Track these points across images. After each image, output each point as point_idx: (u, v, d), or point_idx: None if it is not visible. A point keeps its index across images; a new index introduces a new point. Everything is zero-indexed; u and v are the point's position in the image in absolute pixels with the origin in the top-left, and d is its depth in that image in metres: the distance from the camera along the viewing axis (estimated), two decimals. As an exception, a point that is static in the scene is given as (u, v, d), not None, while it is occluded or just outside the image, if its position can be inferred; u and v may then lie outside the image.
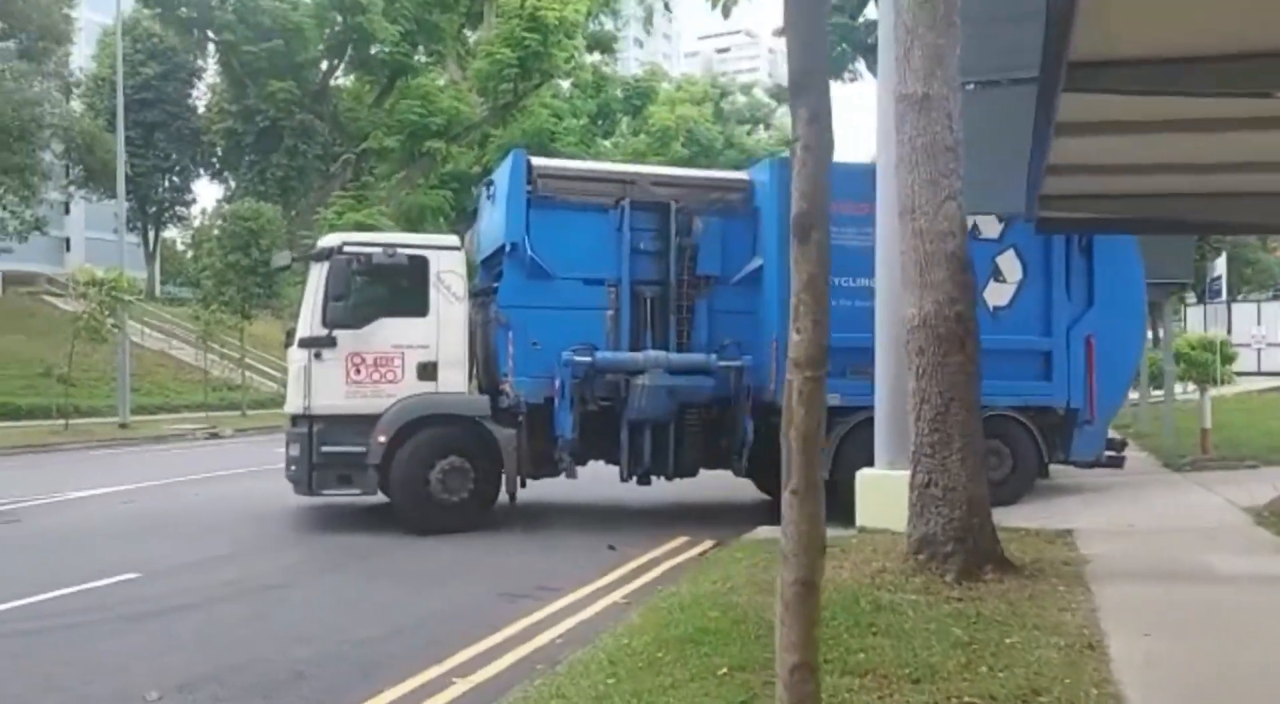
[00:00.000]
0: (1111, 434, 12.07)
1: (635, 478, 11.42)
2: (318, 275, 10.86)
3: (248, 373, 32.69)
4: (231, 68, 34.69)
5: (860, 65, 23.03)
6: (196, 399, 30.29)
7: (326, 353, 10.65)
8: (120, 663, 6.09)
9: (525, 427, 10.88)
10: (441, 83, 36.58)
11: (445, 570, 9.08)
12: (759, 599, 6.63)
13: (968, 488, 7.09)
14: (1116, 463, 11.93)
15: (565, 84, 41.33)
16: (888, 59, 8.58)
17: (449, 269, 11.09)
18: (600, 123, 42.49)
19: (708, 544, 10.29)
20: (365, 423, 10.52)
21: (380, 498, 11.20)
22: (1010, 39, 7.50)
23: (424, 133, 32.60)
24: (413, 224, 38.86)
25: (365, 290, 11.18)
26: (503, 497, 11.04)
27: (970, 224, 11.18)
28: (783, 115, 62.42)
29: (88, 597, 7.78)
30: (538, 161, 11.76)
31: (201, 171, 47.84)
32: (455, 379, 11.00)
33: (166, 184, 48.01)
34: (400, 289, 11.16)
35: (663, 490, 12.33)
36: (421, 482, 10.59)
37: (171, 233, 53.37)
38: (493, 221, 11.84)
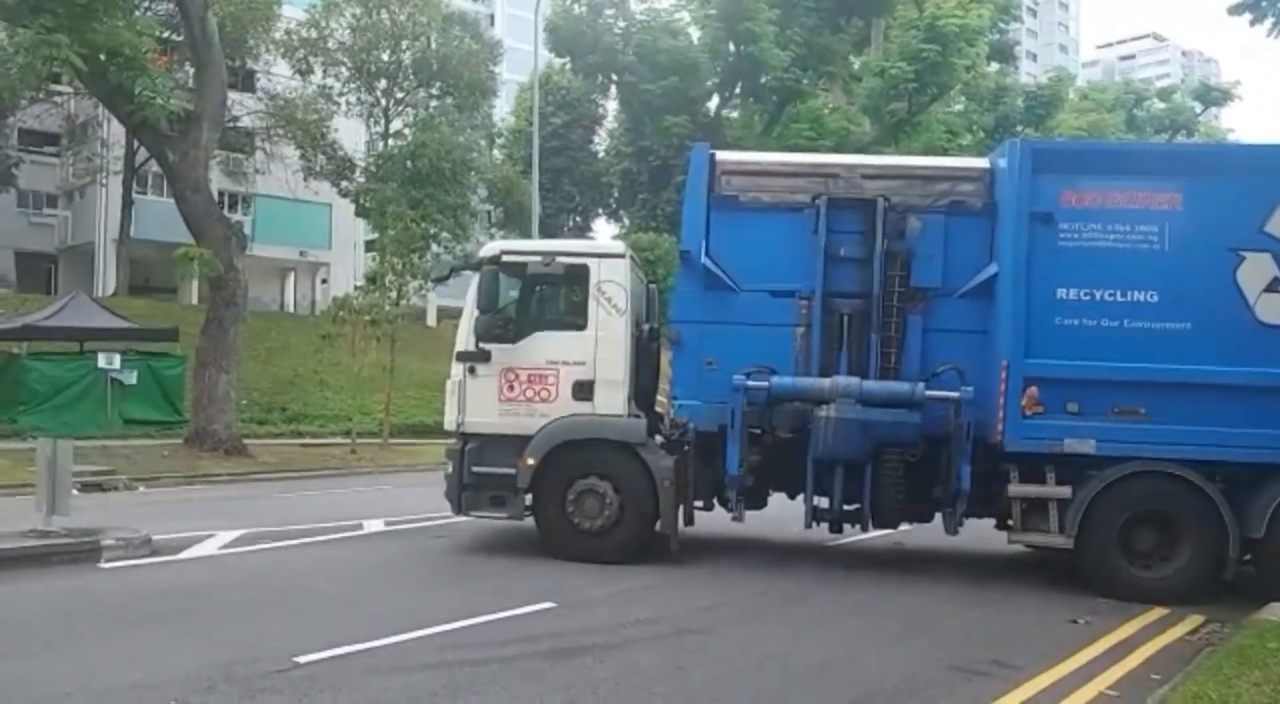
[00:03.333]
0: None
1: (826, 525, 9.88)
2: (473, 286, 10.16)
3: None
4: (631, 107, 36.34)
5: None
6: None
7: (481, 368, 10.01)
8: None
9: (694, 456, 9.71)
10: (828, 109, 35.91)
11: (878, 626, 7.92)
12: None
13: None
14: None
15: (958, 103, 39.03)
16: None
17: (610, 279, 10.04)
18: (999, 137, 39.48)
19: (1196, 621, 8.33)
20: (519, 443, 9.81)
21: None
22: None
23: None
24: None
25: (523, 302, 10.45)
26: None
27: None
28: (1209, 118, 55.07)
29: (505, 627, 7.46)
30: (723, 156, 10.35)
31: (600, 211, 51.01)
32: (613, 400, 9.94)
33: (571, 224, 51.76)
34: (558, 300, 10.46)
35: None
36: (558, 504, 9.79)
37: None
38: None
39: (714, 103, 37.94)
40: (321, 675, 6.02)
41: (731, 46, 34.12)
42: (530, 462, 9.78)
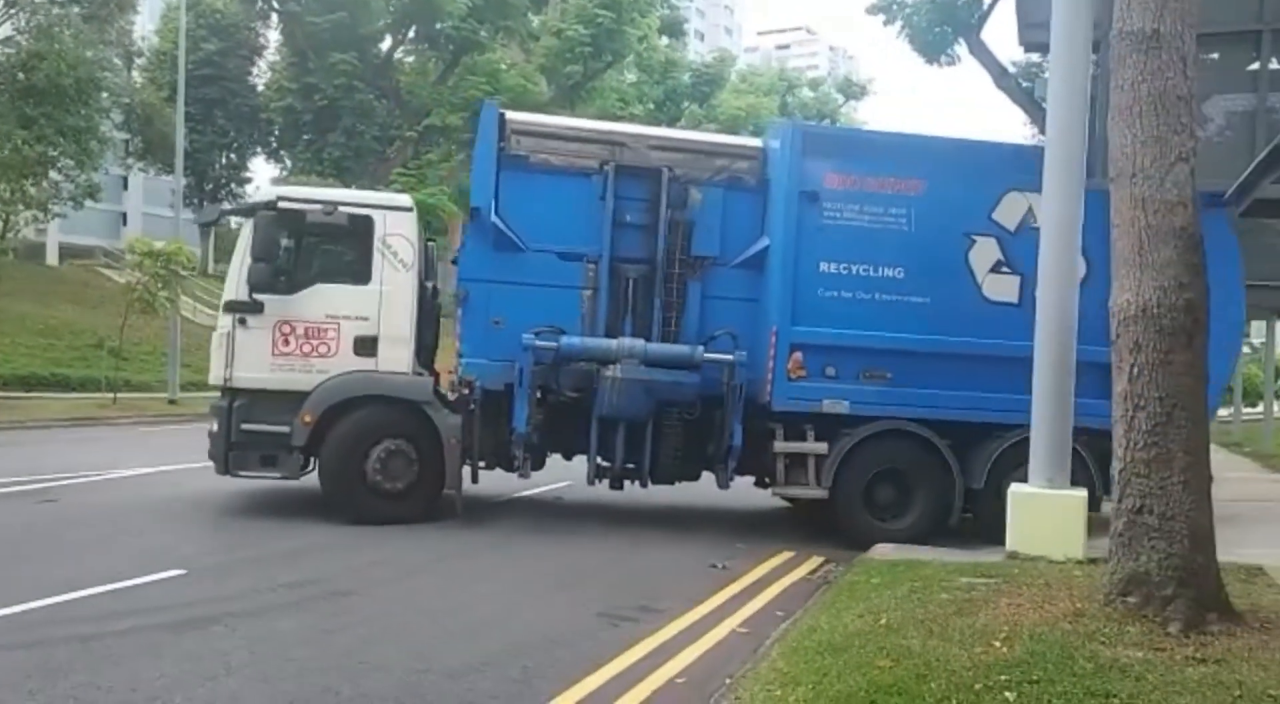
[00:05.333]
0: None
1: (607, 482, 10.24)
2: (246, 232, 9.79)
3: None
4: (294, 39, 33.97)
5: (960, 48, 21.47)
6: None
7: (252, 320, 9.63)
8: (153, 693, 4.94)
9: (479, 415, 9.69)
10: (505, 65, 35.61)
11: (534, 580, 7.93)
12: (938, 646, 5.35)
13: (1191, 517, 5.73)
14: None
15: (630, 73, 40.21)
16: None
17: (397, 232, 9.86)
18: (666, 109, 41.22)
19: (816, 562, 9.18)
20: (292, 399, 9.49)
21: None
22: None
23: (489, 112, 31.66)
24: (472, 207, 38.15)
25: (301, 252, 10.09)
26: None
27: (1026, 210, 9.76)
28: (849, 110, 60.92)
29: (126, 598, 6.68)
30: (513, 116, 10.43)
31: (258, 150, 47.48)
32: (398, 357, 9.80)
33: (224, 161, 47.75)
34: (340, 252, 10.12)
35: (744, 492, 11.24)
36: (356, 467, 9.56)
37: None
38: None
39: (387, 44, 36.37)
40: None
41: (406, -12, 32.87)
42: (308, 419, 9.40)
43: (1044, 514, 8.07)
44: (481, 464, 10.12)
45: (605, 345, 9.60)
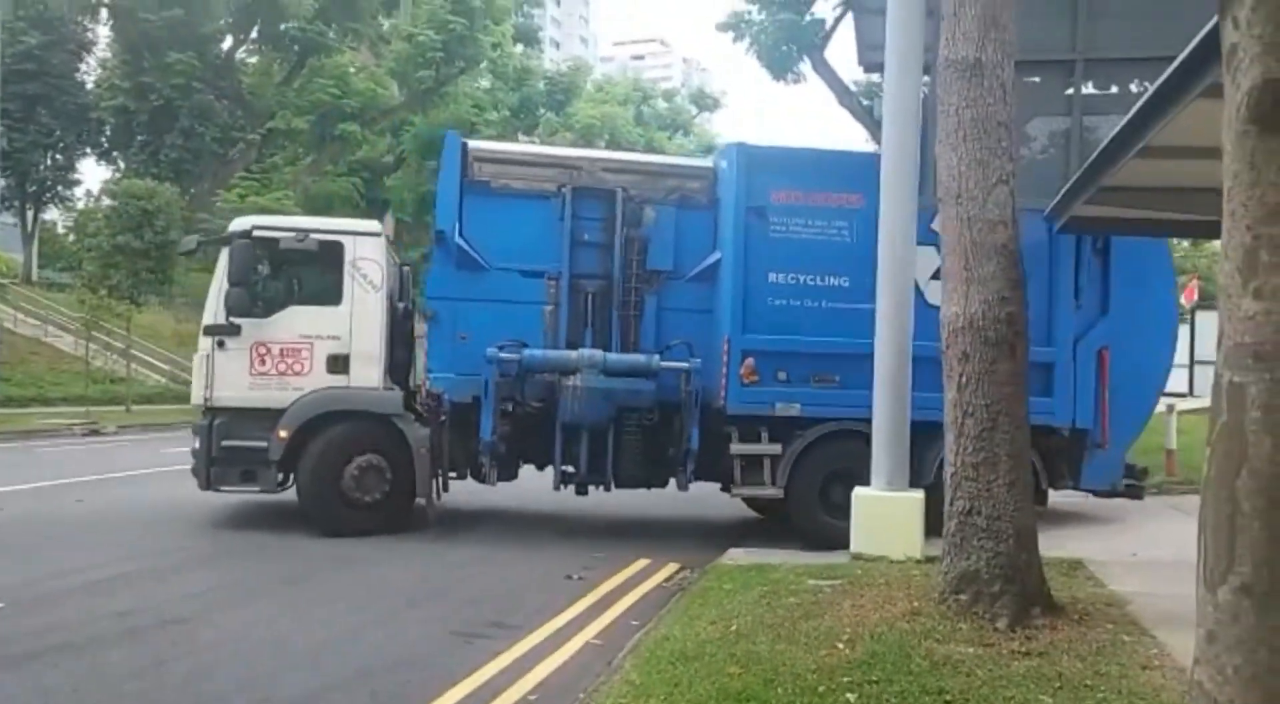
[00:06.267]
0: (1129, 461, 11.03)
1: (573, 488, 10.64)
2: (223, 260, 10.25)
3: (134, 365, 30.24)
4: (126, 36, 32.15)
5: (805, 66, 22.20)
6: (75, 391, 27.74)
7: (230, 342, 10.13)
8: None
9: (448, 427, 10.16)
10: (354, 68, 34.73)
11: (385, 599, 7.74)
12: (785, 650, 5.51)
13: (1015, 518, 6.10)
14: (1135, 493, 10.94)
15: (485, 79, 39.86)
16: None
17: (366, 256, 10.41)
18: (522, 117, 41.03)
19: (672, 569, 9.29)
20: (269, 417, 9.96)
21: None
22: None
23: (337, 115, 30.86)
24: (319, 212, 36.90)
25: (275, 277, 10.73)
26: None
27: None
28: (703, 122, 62.12)
29: (-68, 637, 6.19)
30: (475, 144, 11.04)
31: (88, 151, 44.57)
32: (369, 374, 10.28)
33: (49, 162, 44.62)
34: (312, 276, 10.67)
35: (600, 501, 11.40)
36: (333, 481, 9.98)
37: (53, 215, 49.70)
38: None
39: (228, 43, 34.90)
40: None
41: (249, -14, 31.65)
42: (284, 434, 9.88)
43: (884, 516, 8.43)
44: (453, 474, 10.56)
45: (566, 356, 10.06)
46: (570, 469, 10.41)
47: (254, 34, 34.04)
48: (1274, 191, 1.65)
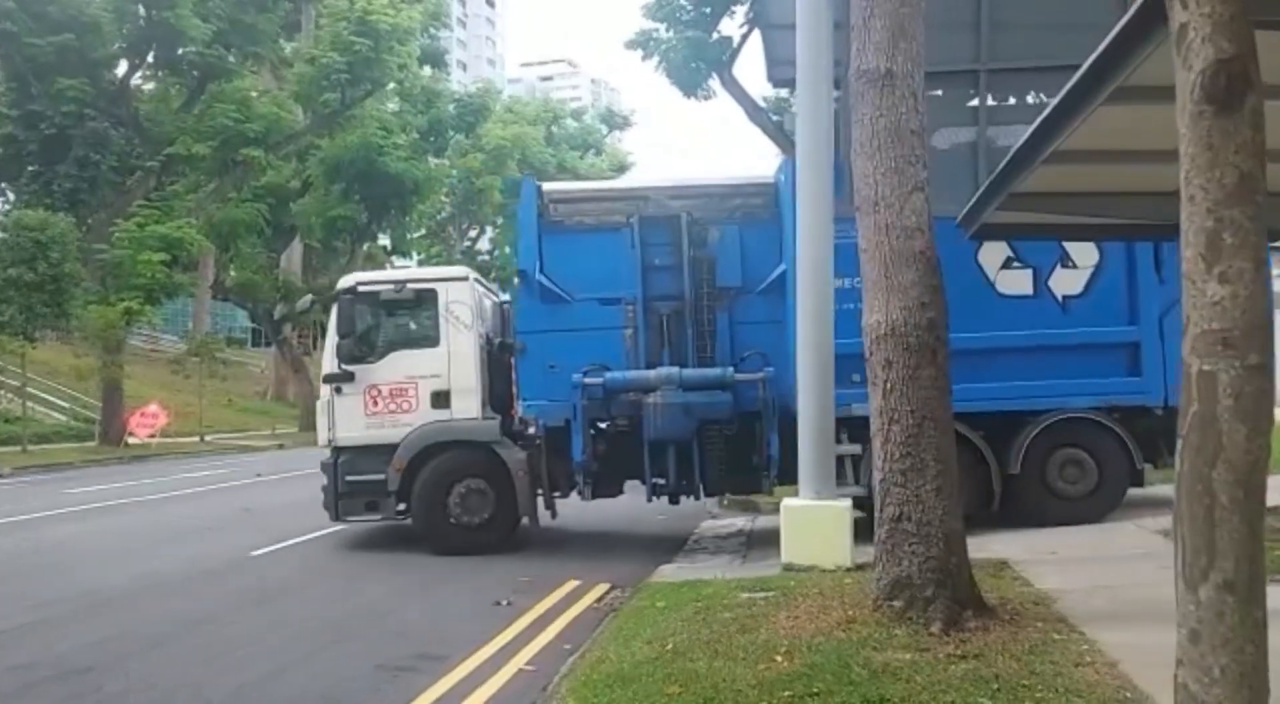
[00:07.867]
0: None
1: (666, 498, 11.14)
2: (333, 315, 11.40)
3: (30, 403, 28.90)
4: (13, 63, 30.74)
5: (715, 83, 22.36)
6: (-36, 434, 26.47)
7: (346, 387, 11.12)
8: None
9: (545, 449, 10.88)
10: (256, 92, 33.89)
11: (305, 636, 7.45)
12: (724, 666, 5.42)
13: (944, 522, 6.12)
14: None
15: (392, 102, 39.32)
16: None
17: (457, 299, 11.34)
18: (432, 140, 40.61)
19: (603, 589, 9.13)
20: (386, 451, 10.88)
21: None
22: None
23: (239, 140, 29.99)
24: (224, 239, 35.87)
25: (380, 326, 11.67)
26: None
27: None
28: (614, 141, 62.37)
29: None
30: (549, 187, 11.88)
31: (-26, 181, 42.68)
32: (468, 406, 11.14)
33: (-69, 194, 42.60)
34: (411, 322, 11.69)
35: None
36: (440, 505, 10.83)
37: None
38: None
39: (122, 69, 33.70)
40: None
41: (142, 9, 30.58)
42: (399, 466, 10.78)
43: (813, 526, 8.43)
44: (558, 494, 11.10)
45: (645, 376, 10.56)
46: (661, 481, 10.85)
47: (150, 59, 32.91)
48: (1233, 172, 1.63)
